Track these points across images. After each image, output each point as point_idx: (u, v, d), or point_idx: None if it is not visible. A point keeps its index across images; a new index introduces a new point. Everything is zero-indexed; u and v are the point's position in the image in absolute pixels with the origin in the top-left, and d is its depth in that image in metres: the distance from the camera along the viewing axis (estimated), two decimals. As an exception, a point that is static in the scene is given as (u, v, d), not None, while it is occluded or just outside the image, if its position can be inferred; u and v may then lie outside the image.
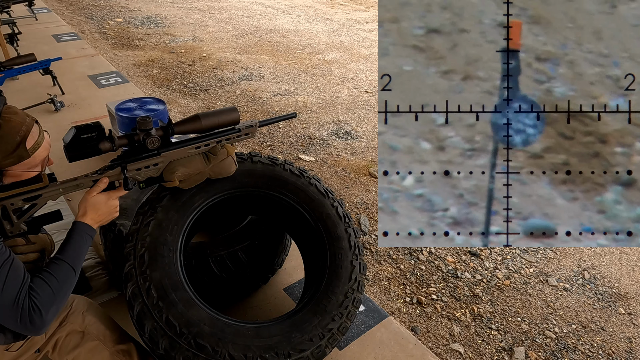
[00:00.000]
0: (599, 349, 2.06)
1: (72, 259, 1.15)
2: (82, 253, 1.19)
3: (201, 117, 1.35)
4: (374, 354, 1.75)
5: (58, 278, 1.10)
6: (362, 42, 6.17)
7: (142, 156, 1.31)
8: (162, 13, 6.80)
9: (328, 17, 7.38)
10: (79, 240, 1.18)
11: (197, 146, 1.39)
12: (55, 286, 1.08)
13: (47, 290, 1.06)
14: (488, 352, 2.01)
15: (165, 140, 1.32)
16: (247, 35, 6.09)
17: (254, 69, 4.94)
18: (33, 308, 1.02)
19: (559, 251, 2.62)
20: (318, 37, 6.25)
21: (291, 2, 8.24)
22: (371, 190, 3.03)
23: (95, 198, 1.23)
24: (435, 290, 2.30)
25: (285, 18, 7.13)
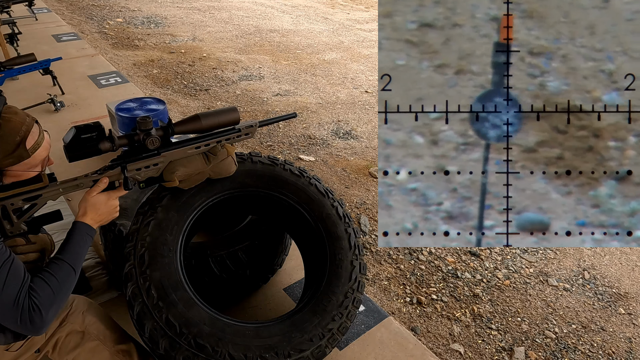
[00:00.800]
0: (599, 349, 2.06)
1: (72, 259, 1.15)
2: (82, 253, 1.19)
3: (201, 117, 1.35)
4: (374, 354, 1.75)
5: (58, 278, 1.10)
6: (362, 42, 6.17)
7: (142, 156, 1.31)
8: (162, 13, 6.80)
9: (328, 17, 7.38)
10: (79, 240, 1.18)
11: (197, 146, 1.39)
12: (55, 286, 1.08)
13: (47, 290, 1.06)
14: (488, 352, 2.01)
15: (166, 140, 1.32)
16: (247, 35, 6.09)
17: (254, 69, 4.95)
18: (33, 308, 1.02)
19: (559, 251, 2.62)
20: (318, 37, 6.25)
21: (291, 2, 8.24)
22: (371, 190, 3.03)
23: (95, 198, 1.23)
24: (435, 290, 2.30)
25: (285, 18, 7.13)
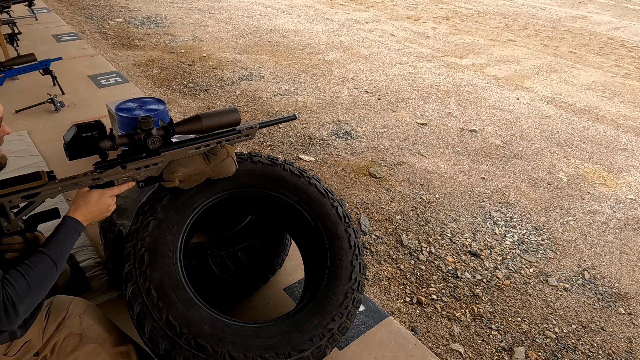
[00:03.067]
0: (599, 349, 2.06)
1: (55, 253, 1.12)
2: (67, 248, 1.17)
3: (202, 117, 1.35)
4: (374, 354, 1.75)
5: (37, 270, 1.06)
6: (362, 42, 6.17)
7: (143, 156, 1.31)
8: (163, 13, 6.80)
9: (328, 17, 7.38)
10: (66, 235, 1.16)
11: (197, 146, 1.39)
12: (33, 278, 1.05)
13: (23, 282, 1.02)
14: (488, 352, 2.01)
15: (166, 140, 1.32)
16: (247, 36, 6.08)
17: (254, 69, 4.94)
18: (7, 298, 0.99)
19: (559, 251, 2.62)
20: (318, 37, 6.25)
21: (291, 2, 8.24)
22: (371, 190, 3.03)
23: (88, 195, 1.22)
24: (435, 290, 2.30)
25: (285, 18, 7.13)
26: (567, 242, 2.70)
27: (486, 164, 3.47)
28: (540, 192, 3.17)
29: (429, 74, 5.24)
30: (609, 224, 2.90)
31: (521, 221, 2.85)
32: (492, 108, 4.46)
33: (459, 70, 5.45)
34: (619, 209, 3.06)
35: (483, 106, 4.49)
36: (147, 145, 1.28)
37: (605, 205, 3.09)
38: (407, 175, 3.23)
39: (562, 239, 2.72)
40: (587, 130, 4.16)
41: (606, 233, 2.81)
